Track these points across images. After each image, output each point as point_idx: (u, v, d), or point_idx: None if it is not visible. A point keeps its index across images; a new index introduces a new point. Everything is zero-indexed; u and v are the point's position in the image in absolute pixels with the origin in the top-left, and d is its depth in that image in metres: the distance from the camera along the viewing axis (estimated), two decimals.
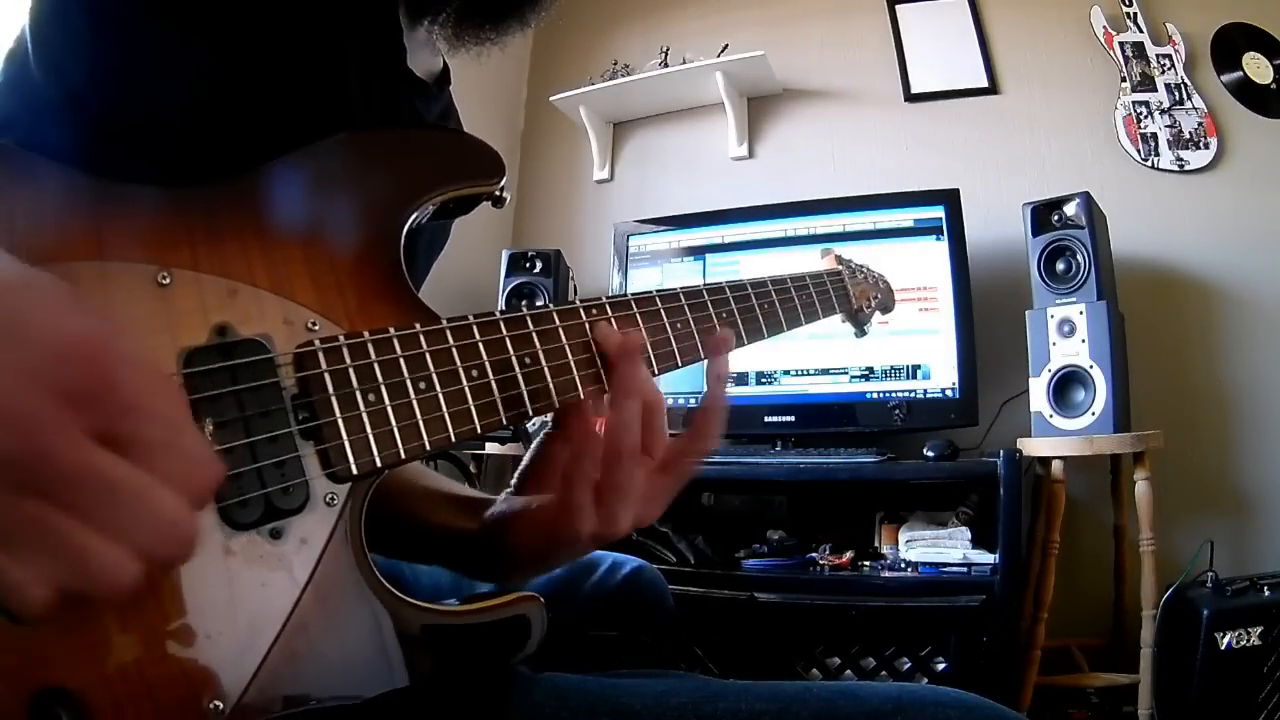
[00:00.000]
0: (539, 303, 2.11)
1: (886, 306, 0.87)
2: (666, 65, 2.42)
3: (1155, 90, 2.06)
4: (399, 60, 0.60)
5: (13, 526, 0.27)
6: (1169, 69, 2.06)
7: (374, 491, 0.42)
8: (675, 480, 0.50)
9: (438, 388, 0.44)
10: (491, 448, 2.08)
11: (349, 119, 0.55)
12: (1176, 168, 2.02)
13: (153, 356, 0.36)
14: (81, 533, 0.28)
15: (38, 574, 0.27)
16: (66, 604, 0.28)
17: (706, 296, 0.58)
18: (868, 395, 1.93)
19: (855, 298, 0.78)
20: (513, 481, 0.56)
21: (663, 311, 0.55)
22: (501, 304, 2.18)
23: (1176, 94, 2.04)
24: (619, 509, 0.47)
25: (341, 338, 0.42)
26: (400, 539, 0.60)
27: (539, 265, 2.21)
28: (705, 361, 0.54)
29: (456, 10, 0.61)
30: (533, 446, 0.55)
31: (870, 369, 1.94)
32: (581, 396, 0.48)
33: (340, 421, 0.40)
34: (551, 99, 2.55)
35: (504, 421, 0.46)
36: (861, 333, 0.83)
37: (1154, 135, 2.04)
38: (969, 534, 1.65)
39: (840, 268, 0.78)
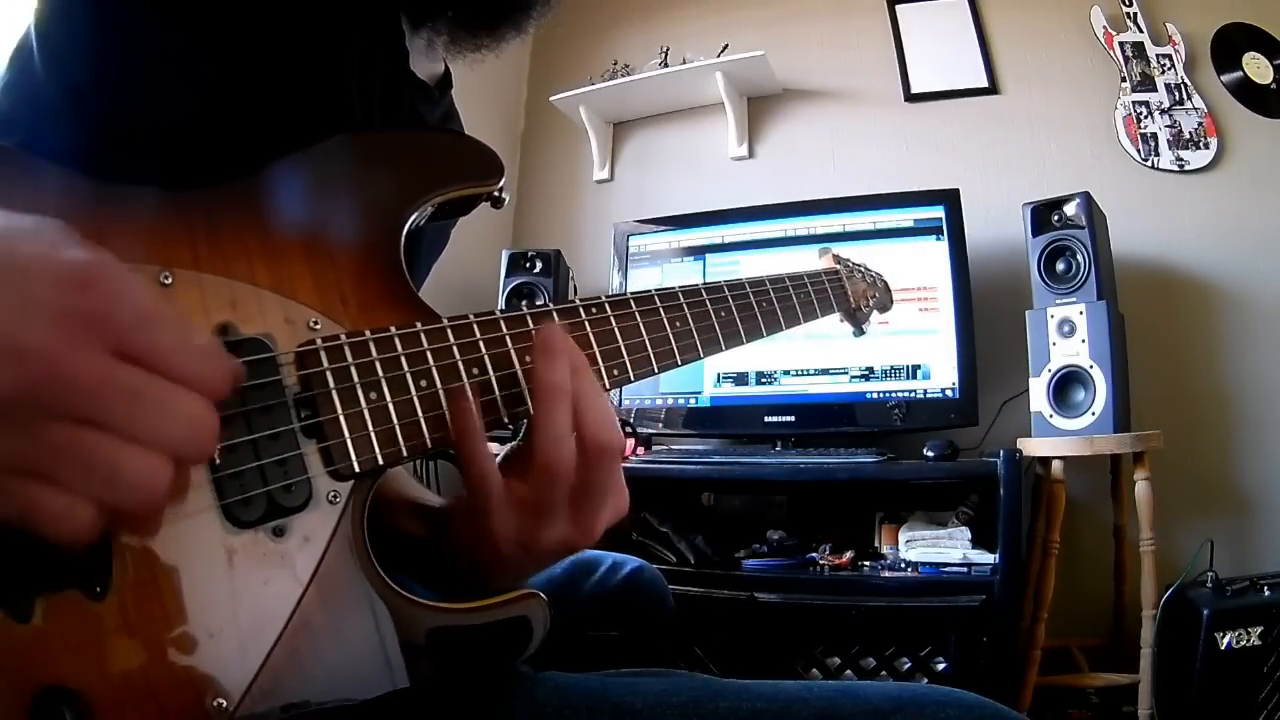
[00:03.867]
0: (539, 302, 2.11)
1: (884, 306, 0.87)
2: (666, 65, 2.42)
3: (1155, 90, 2.06)
4: (401, 63, 0.60)
5: (48, 455, 0.28)
6: (1169, 69, 2.06)
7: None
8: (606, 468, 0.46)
9: (439, 385, 0.44)
10: (491, 447, 2.07)
11: (351, 121, 0.55)
12: (1176, 168, 2.02)
13: None
14: (113, 444, 0.29)
15: (79, 497, 0.28)
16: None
17: (705, 296, 0.58)
18: (867, 395, 1.93)
19: (853, 297, 0.79)
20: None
21: (662, 310, 0.55)
22: (501, 304, 2.18)
23: (1176, 94, 2.04)
24: (598, 508, 0.46)
25: (343, 336, 0.42)
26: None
27: (539, 265, 2.21)
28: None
29: (453, 18, 0.61)
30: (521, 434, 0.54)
31: (870, 369, 1.94)
32: None
33: (342, 419, 0.41)
34: (551, 99, 2.55)
35: (505, 420, 0.46)
36: (860, 332, 0.83)
37: (1154, 135, 2.04)
38: (969, 534, 1.65)
39: (838, 267, 0.78)
